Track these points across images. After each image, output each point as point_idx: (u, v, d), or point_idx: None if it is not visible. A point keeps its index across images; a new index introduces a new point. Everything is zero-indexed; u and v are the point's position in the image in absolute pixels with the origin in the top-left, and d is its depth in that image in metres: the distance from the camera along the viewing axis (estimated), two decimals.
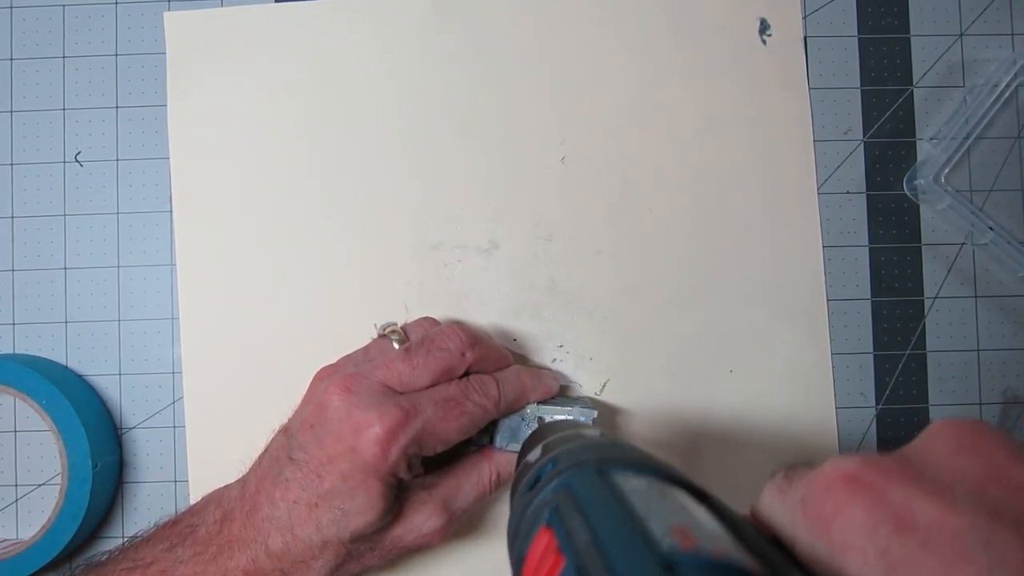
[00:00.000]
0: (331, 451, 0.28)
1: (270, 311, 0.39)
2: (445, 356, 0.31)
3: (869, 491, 0.16)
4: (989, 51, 0.40)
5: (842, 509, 0.16)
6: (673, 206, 0.39)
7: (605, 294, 0.39)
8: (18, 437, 0.39)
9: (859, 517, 0.16)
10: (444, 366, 0.31)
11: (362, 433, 0.28)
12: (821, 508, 0.17)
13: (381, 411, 0.28)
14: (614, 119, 0.39)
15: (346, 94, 0.39)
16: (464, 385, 0.31)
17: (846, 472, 0.17)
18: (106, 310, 0.39)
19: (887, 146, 0.40)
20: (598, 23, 0.40)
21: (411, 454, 0.29)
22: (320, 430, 0.29)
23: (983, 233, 0.37)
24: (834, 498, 0.17)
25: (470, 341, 0.32)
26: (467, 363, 0.32)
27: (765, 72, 0.39)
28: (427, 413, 0.29)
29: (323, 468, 0.28)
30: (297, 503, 0.29)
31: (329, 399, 0.29)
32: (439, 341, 0.32)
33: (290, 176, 0.39)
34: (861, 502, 0.16)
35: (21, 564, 0.36)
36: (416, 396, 0.30)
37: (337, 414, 0.29)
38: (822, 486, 0.17)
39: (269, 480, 0.29)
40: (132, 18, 0.40)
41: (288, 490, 0.29)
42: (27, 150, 0.40)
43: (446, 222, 0.39)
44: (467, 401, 0.31)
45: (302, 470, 0.29)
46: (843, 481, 0.17)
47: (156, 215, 0.39)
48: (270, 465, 0.30)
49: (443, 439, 0.30)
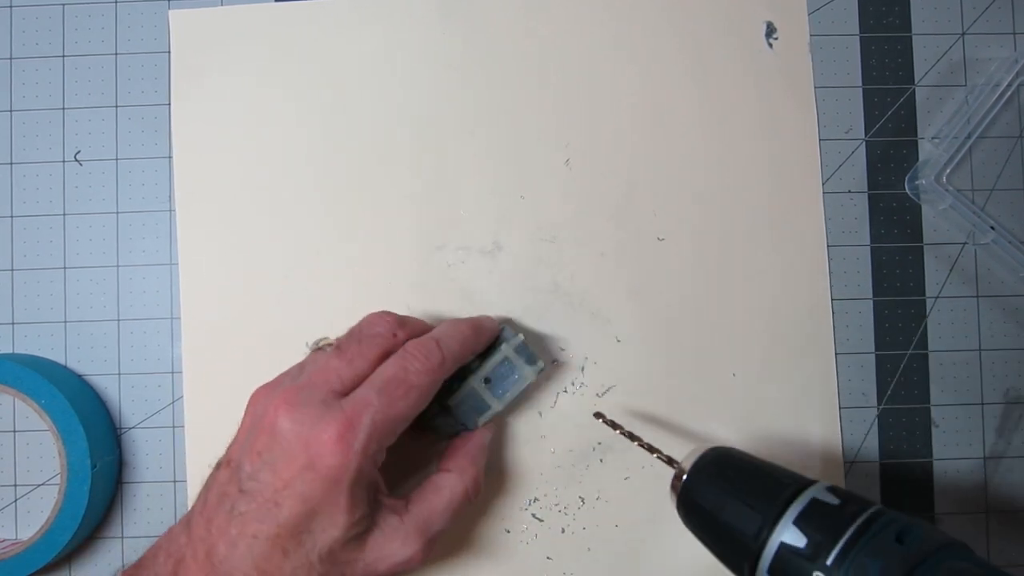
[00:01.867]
0: (285, 475, 0.27)
1: (272, 311, 0.38)
2: (377, 340, 0.30)
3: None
4: (991, 50, 0.40)
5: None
6: (677, 209, 0.39)
7: (609, 296, 0.38)
8: (17, 437, 0.39)
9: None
10: (378, 351, 0.30)
11: (314, 447, 0.27)
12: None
13: (329, 418, 0.27)
14: (618, 122, 0.39)
15: (350, 95, 0.39)
16: (401, 357, 0.30)
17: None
18: (106, 310, 0.39)
19: (888, 145, 0.40)
20: (603, 26, 0.39)
21: (372, 451, 0.28)
22: (269, 455, 0.27)
23: (985, 233, 0.37)
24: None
25: (398, 320, 0.31)
26: (400, 342, 0.31)
27: (771, 76, 0.39)
28: (375, 403, 0.28)
29: (279, 495, 0.27)
30: (256, 537, 0.27)
31: (273, 420, 0.28)
32: (367, 328, 0.31)
33: (293, 176, 0.39)
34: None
35: (20, 564, 0.35)
36: (359, 391, 0.28)
37: (286, 435, 0.27)
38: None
39: (221, 518, 0.27)
40: (132, 17, 0.40)
41: (245, 524, 0.27)
42: (27, 149, 0.39)
43: (450, 224, 0.39)
44: (409, 374, 0.29)
45: (256, 501, 0.27)
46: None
47: (156, 215, 0.39)
48: (218, 502, 0.28)
49: (399, 420, 0.29)
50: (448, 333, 0.32)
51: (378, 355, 0.30)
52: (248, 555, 0.27)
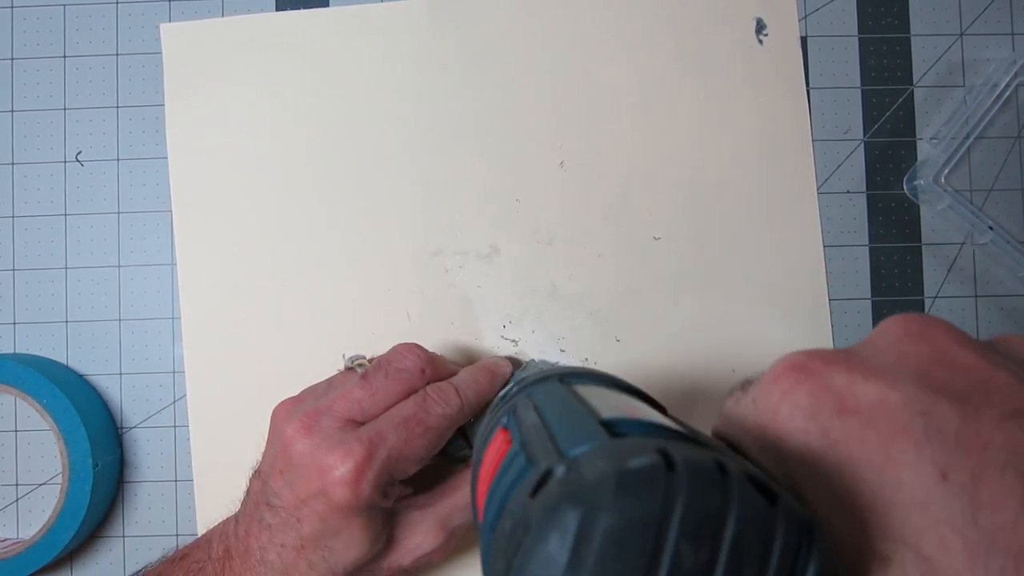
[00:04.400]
0: (303, 495, 0.28)
1: (271, 318, 0.38)
2: (404, 376, 0.30)
3: (814, 378, 0.16)
4: (989, 51, 0.40)
5: (787, 397, 0.17)
6: (673, 208, 0.39)
7: (607, 297, 0.39)
8: (19, 437, 0.39)
9: (803, 402, 0.16)
10: (404, 387, 0.30)
11: (328, 475, 0.27)
12: (768, 399, 0.17)
13: (344, 450, 0.27)
14: (612, 122, 0.39)
15: (344, 102, 0.39)
16: (422, 399, 0.30)
17: (792, 363, 0.17)
18: (106, 310, 0.39)
19: (887, 146, 0.40)
20: (594, 26, 0.40)
21: (383, 483, 0.28)
22: (289, 475, 0.28)
23: (983, 233, 0.37)
24: (780, 388, 0.17)
25: (428, 357, 0.31)
26: (427, 380, 0.31)
27: (762, 72, 0.39)
28: (390, 439, 0.28)
29: (299, 512, 0.28)
30: (284, 546, 0.28)
31: (292, 443, 0.28)
32: (396, 361, 0.31)
33: (290, 183, 0.39)
34: (805, 388, 0.16)
35: (21, 564, 0.36)
36: (376, 424, 0.29)
37: (302, 459, 0.28)
38: (770, 379, 0.17)
39: (255, 525, 0.29)
40: (132, 18, 0.40)
41: (273, 535, 0.28)
42: (27, 150, 0.40)
43: (446, 228, 0.39)
44: (428, 415, 0.29)
45: (280, 516, 0.28)
46: (789, 371, 0.17)
47: (156, 215, 0.39)
48: (253, 510, 0.30)
49: (413, 459, 0.29)
50: (467, 382, 0.32)
51: (403, 391, 0.30)
52: (278, 560, 0.28)
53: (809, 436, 0.16)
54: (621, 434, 0.16)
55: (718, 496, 0.13)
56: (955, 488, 0.14)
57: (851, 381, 0.16)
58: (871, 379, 0.16)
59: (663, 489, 0.13)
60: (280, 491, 0.29)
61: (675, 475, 0.13)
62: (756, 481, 0.14)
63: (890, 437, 0.15)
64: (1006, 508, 0.13)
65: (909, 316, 0.17)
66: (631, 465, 0.14)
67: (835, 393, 0.16)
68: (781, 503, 0.14)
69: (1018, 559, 0.13)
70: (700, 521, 0.13)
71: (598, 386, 0.22)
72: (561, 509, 0.13)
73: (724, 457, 0.14)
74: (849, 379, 0.16)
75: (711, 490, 0.13)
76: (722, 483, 0.14)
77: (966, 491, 0.13)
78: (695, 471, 0.14)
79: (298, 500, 0.28)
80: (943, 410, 0.14)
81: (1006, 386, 0.15)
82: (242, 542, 0.29)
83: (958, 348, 0.16)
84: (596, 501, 0.13)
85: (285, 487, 0.28)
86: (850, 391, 0.16)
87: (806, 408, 0.16)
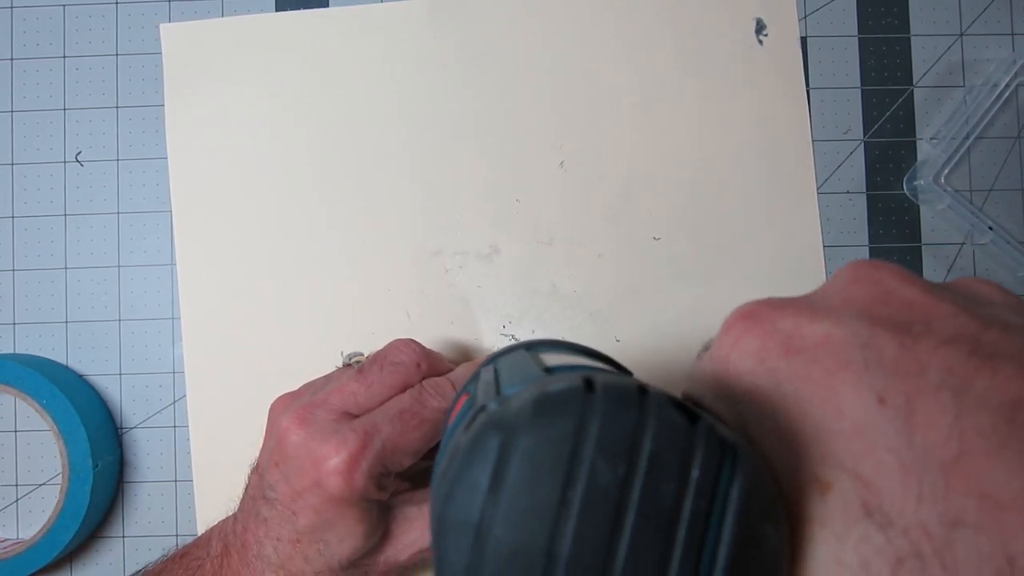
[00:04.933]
0: (298, 487, 0.28)
1: (271, 318, 0.38)
2: (400, 370, 0.30)
3: (762, 323, 0.17)
4: (989, 51, 0.40)
5: (737, 342, 0.17)
6: (673, 208, 0.39)
7: (607, 297, 0.39)
8: (18, 437, 0.39)
9: (752, 346, 0.16)
10: (399, 381, 0.30)
11: (322, 466, 0.27)
12: (720, 348, 0.18)
13: (338, 440, 0.28)
14: (612, 122, 0.39)
15: (344, 102, 0.39)
16: (418, 392, 0.30)
17: (743, 312, 0.17)
18: (106, 310, 0.39)
19: (887, 146, 0.40)
20: (594, 26, 0.40)
21: (377, 475, 0.28)
22: (285, 468, 0.29)
23: (983, 233, 0.37)
24: (731, 336, 0.17)
25: (423, 352, 0.31)
26: (422, 374, 0.31)
27: (762, 72, 0.39)
28: (385, 431, 0.28)
29: (295, 505, 0.28)
30: (280, 540, 0.28)
31: (287, 435, 0.29)
32: (392, 355, 0.31)
33: (289, 183, 0.39)
34: (753, 332, 0.17)
35: (21, 564, 0.36)
36: (371, 415, 0.29)
37: (296, 450, 0.28)
38: (723, 330, 0.18)
39: (252, 519, 0.29)
40: (132, 18, 0.40)
41: (269, 529, 0.29)
42: (27, 150, 0.40)
43: (446, 228, 0.39)
44: (423, 408, 0.29)
45: (277, 509, 0.28)
46: (740, 319, 0.17)
47: (156, 215, 0.39)
48: (250, 505, 0.30)
49: (408, 452, 0.29)
50: (464, 377, 0.32)
51: (398, 384, 0.30)
52: (275, 555, 0.28)
53: (756, 377, 0.16)
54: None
55: (635, 415, 0.14)
56: (891, 411, 0.14)
57: (797, 323, 0.16)
58: (817, 320, 0.16)
59: (579, 408, 0.14)
60: (276, 484, 0.29)
61: (593, 396, 0.14)
62: (677, 403, 0.14)
63: (833, 370, 0.15)
64: (939, 427, 0.13)
65: (859, 261, 0.18)
66: (550, 389, 0.14)
67: (782, 335, 0.16)
68: (702, 422, 0.14)
69: (948, 472, 0.13)
70: (616, 438, 0.13)
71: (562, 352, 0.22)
72: (485, 436, 0.14)
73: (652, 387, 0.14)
74: (796, 322, 0.16)
75: (629, 409, 0.14)
76: (640, 402, 0.14)
77: (902, 413, 0.14)
78: (613, 391, 0.14)
79: (294, 492, 0.28)
80: (883, 339, 0.15)
81: (948, 315, 0.15)
82: (239, 538, 0.29)
83: (904, 285, 0.16)
84: (516, 425, 0.14)
85: (281, 479, 0.28)
86: (797, 332, 0.16)
87: (754, 352, 0.16)
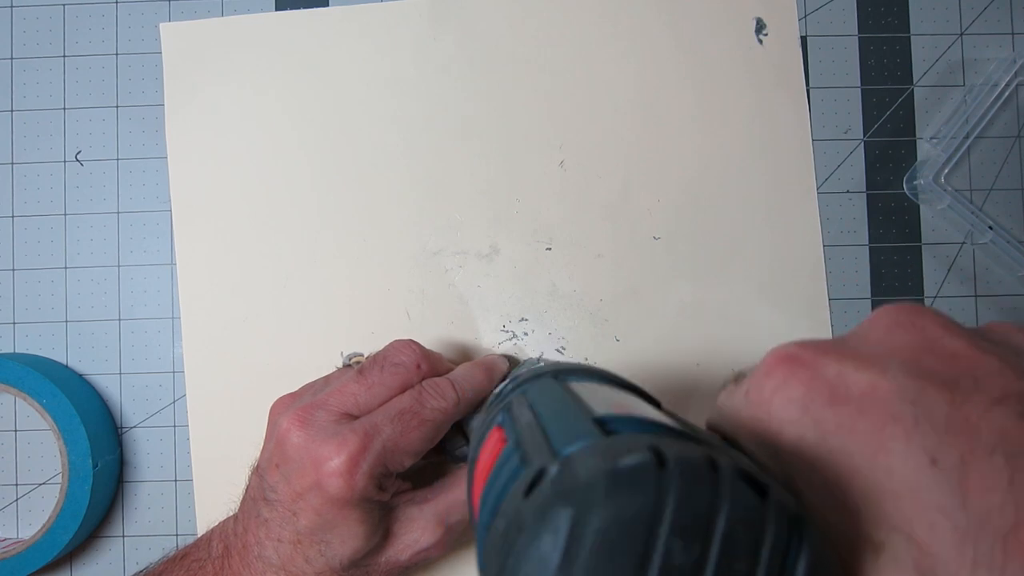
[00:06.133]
0: (298, 488, 0.28)
1: (270, 318, 0.38)
2: (400, 371, 0.30)
3: (805, 369, 0.16)
4: (989, 50, 0.40)
5: (780, 388, 0.17)
6: (673, 208, 0.39)
7: (606, 297, 0.39)
8: (18, 436, 0.39)
9: (795, 394, 0.16)
10: (400, 381, 0.30)
11: (323, 467, 0.27)
12: (761, 392, 0.17)
13: (338, 441, 0.27)
14: (611, 122, 0.39)
15: (344, 103, 0.39)
16: (418, 393, 0.30)
17: (785, 354, 0.17)
18: (106, 309, 0.39)
19: (887, 145, 0.40)
20: (593, 26, 0.40)
21: (378, 475, 0.28)
22: (285, 469, 0.28)
23: (983, 232, 0.37)
24: (773, 380, 0.17)
25: (423, 352, 0.31)
26: (423, 375, 0.31)
27: (762, 72, 0.39)
28: (385, 431, 0.28)
29: (295, 505, 0.28)
30: (281, 541, 0.28)
31: (287, 436, 0.28)
32: (392, 356, 0.31)
33: (290, 184, 0.39)
34: (798, 379, 0.16)
35: (21, 563, 0.36)
36: (372, 416, 0.29)
37: (297, 452, 0.28)
38: (763, 372, 0.17)
39: (252, 521, 0.29)
40: (132, 17, 0.40)
41: (270, 530, 0.28)
42: (27, 149, 0.40)
43: (446, 228, 0.39)
44: (424, 408, 0.29)
45: (277, 510, 0.28)
46: (781, 363, 0.17)
47: (156, 215, 0.39)
48: (251, 506, 0.30)
49: (408, 452, 0.29)
50: (464, 377, 0.32)
51: (398, 385, 0.30)
52: (276, 556, 0.28)
53: (802, 427, 0.16)
54: (614, 431, 0.16)
55: (708, 492, 0.13)
56: (945, 473, 0.14)
57: (842, 371, 0.16)
58: (862, 368, 0.16)
59: (654, 487, 0.13)
60: (276, 485, 0.29)
61: (666, 472, 0.13)
62: (746, 476, 0.14)
63: (881, 425, 0.15)
64: (994, 491, 0.13)
65: (899, 306, 0.17)
66: (622, 463, 0.14)
67: (826, 383, 0.16)
68: (771, 497, 0.14)
69: (1005, 541, 0.13)
70: (691, 518, 0.13)
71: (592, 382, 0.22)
72: (554, 509, 0.13)
73: (716, 452, 0.14)
74: (840, 369, 0.16)
75: (701, 486, 0.13)
76: (712, 479, 0.14)
77: (955, 476, 0.13)
78: (686, 468, 0.14)
79: (294, 493, 0.28)
80: (932, 397, 0.14)
81: (995, 371, 0.15)
82: (240, 539, 0.29)
83: (947, 335, 0.16)
84: (588, 500, 0.13)
85: (281, 480, 0.28)
86: (841, 381, 0.16)
87: (798, 400, 0.16)
